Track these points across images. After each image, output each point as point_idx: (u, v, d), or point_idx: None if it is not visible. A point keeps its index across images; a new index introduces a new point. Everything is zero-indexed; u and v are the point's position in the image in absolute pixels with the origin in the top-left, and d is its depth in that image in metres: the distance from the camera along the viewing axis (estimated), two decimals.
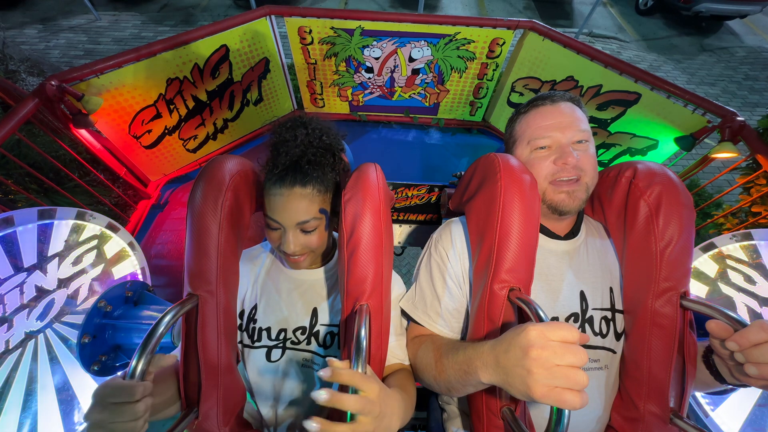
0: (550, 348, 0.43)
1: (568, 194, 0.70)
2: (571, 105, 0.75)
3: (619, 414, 0.71)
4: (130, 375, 0.50)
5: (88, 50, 4.38)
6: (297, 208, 0.69)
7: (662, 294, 0.64)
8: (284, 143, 0.71)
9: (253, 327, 0.80)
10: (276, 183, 0.70)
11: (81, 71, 1.62)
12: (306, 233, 0.72)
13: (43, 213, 1.07)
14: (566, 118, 0.72)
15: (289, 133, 0.72)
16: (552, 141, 0.72)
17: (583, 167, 0.70)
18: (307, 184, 0.70)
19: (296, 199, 0.69)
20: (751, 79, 4.84)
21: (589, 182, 0.72)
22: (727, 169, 1.77)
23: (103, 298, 0.99)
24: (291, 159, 0.70)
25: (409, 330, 0.81)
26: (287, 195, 0.69)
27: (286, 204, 0.69)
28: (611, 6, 6.35)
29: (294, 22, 2.09)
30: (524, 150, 0.76)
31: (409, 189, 1.44)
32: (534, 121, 0.75)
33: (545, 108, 0.75)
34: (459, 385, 0.60)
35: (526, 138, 0.76)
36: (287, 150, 0.70)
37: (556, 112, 0.74)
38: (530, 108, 0.78)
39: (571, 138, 0.71)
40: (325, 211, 0.74)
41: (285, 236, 0.71)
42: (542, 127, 0.73)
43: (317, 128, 0.75)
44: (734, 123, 1.61)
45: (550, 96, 0.76)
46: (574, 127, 0.71)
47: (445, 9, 5.79)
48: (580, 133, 0.71)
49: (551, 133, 0.72)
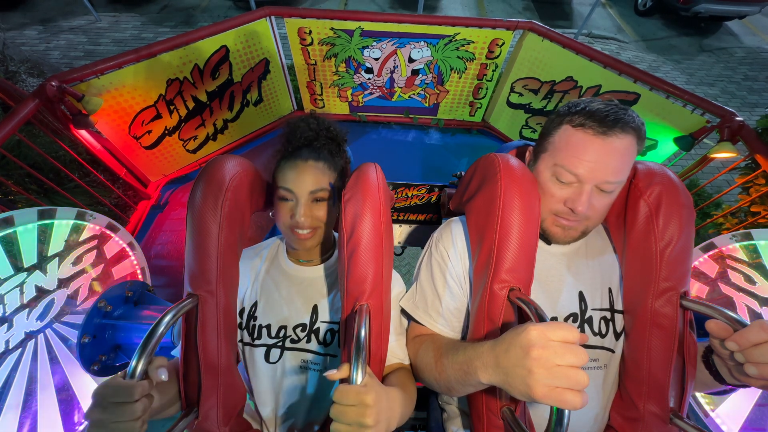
0: (551, 348, 0.43)
1: (563, 229, 0.69)
2: (628, 143, 0.62)
3: (619, 414, 0.71)
4: (130, 375, 0.50)
5: (88, 51, 4.39)
6: (311, 177, 0.75)
7: (662, 294, 0.64)
8: (298, 128, 0.82)
9: (254, 324, 0.80)
10: (291, 157, 0.78)
11: (81, 72, 1.62)
12: (317, 203, 0.76)
13: (43, 213, 1.07)
14: (609, 159, 0.61)
15: (302, 122, 0.83)
16: (577, 178, 0.64)
17: (590, 215, 0.66)
18: (319, 159, 0.78)
19: (310, 170, 0.76)
20: (749, 80, 4.85)
21: (590, 225, 0.69)
22: (726, 169, 1.77)
23: (103, 298, 0.99)
24: (305, 139, 0.80)
25: (409, 329, 0.81)
26: (302, 166, 0.76)
27: (300, 173, 0.75)
28: (610, 7, 6.36)
29: (294, 22, 2.09)
30: (547, 168, 0.68)
31: (409, 189, 1.44)
32: (574, 146, 0.64)
33: (593, 139, 0.62)
34: (459, 385, 0.60)
35: (555, 158, 0.67)
36: (301, 133, 0.81)
37: (604, 151, 0.61)
38: (579, 127, 0.64)
39: (599, 182, 0.63)
40: (333, 186, 0.79)
41: (297, 207, 0.74)
42: (577, 160, 0.63)
43: (325, 121, 0.86)
44: (733, 123, 1.61)
45: (608, 124, 0.61)
46: (611, 175, 0.62)
47: (445, 10, 5.80)
48: (612, 184, 0.63)
49: (582, 171, 0.62)
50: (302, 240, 0.77)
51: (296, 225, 0.75)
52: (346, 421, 0.47)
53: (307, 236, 0.76)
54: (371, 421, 0.47)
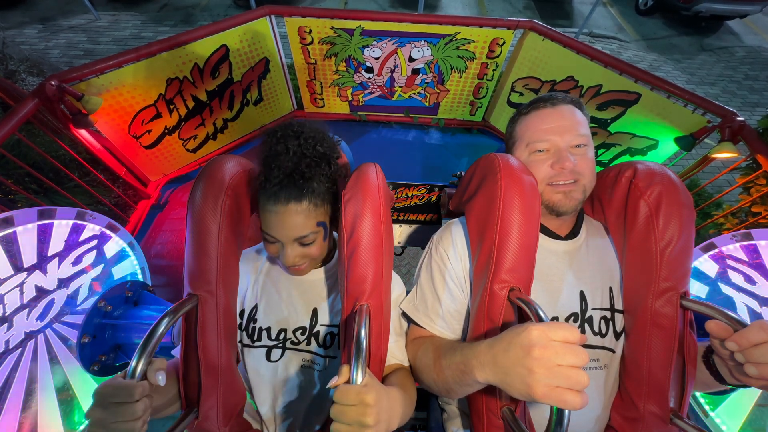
0: (552, 348, 0.43)
1: (565, 194, 0.71)
2: (571, 108, 0.75)
3: (619, 414, 0.71)
4: (130, 375, 0.50)
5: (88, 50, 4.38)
6: (293, 224, 0.67)
7: (662, 294, 0.64)
8: (276, 157, 0.67)
9: (253, 327, 0.80)
10: (270, 199, 0.67)
11: (81, 71, 1.62)
12: (304, 246, 0.72)
13: (43, 213, 1.07)
14: (566, 122, 0.72)
15: (281, 145, 0.68)
16: (550, 144, 0.72)
17: (580, 171, 0.70)
18: (302, 200, 0.67)
19: (292, 216, 0.67)
20: (750, 79, 4.84)
21: (586, 184, 0.72)
22: (727, 169, 1.77)
23: (103, 298, 0.99)
24: (284, 173, 0.66)
25: (409, 332, 0.81)
26: (282, 212, 0.66)
27: (281, 221, 0.67)
28: (611, 6, 6.35)
29: (294, 22, 2.09)
30: (523, 152, 0.77)
31: (409, 189, 1.44)
32: (533, 123, 0.75)
33: (545, 111, 0.75)
34: (457, 386, 0.60)
35: (525, 140, 0.76)
36: (279, 164, 0.66)
37: (555, 115, 0.73)
38: (530, 110, 0.78)
39: (569, 142, 0.71)
40: (323, 223, 0.72)
41: (283, 250, 0.70)
42: (541, 130, 0.73)
43: (310, 137, 0.70)
44: (734, 123, 1.61)
45: (551, 98, 0.76)
46: (573, 131, 0.72)
47: (445, 9, 5.78)
48: (578, 137, 0.71)
49: (549, 136, 0.72)
50: (296, 272, 0.76)
51: (285, 264, 0.72)
52: (346, 420, 0.47)
53: (299, 269, 0.75)
54: (372, 420, 0.47)
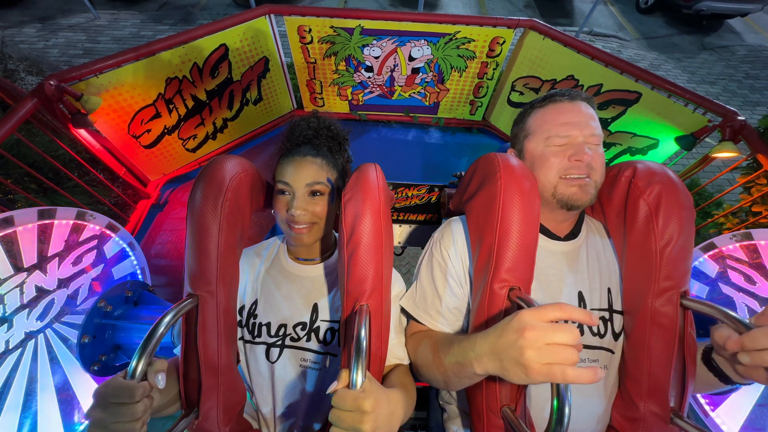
0: (542, 328, 0.44)
1: (580, 188, 0.71)
2: (587, 104, 0.76)
3: (620, 414, 0.72)
4: (130, 375, 0.50)
5: (87, 49, 4.38)
6: (307, 171, 0.76)
7: (662, 293, 0.64)
8: (297, 126, 0.83)
9: (254, 322, 0.80)
10: (289, 152, 0.79)
11: (80, 71, 1.62)
12: (313, 196, 0.76)
13: (43, 213, 1.07)
14: (584, 117, 0.73)
15: (303, 121, 0.84)
16: (569, 137, 0.72)
17: (594, 166, 0.71)
18: (318, 155, 0.79)
19: (307, 164, 0.76)
20: (751, 78, 4.83)
21: (598, 180, 0.72)
22: (727, 169, 1.77)
23: (103, 298, 0.99)
24: (304, 137, 0.81)
25: (408, 328, 0.82)
26: (299, 161, 0.77)
27: (297, 167, 0.76)
28: (612, 4, 6.34)
29: (293, 21, 2.08)
30: (539, 144, 0.76)
31: (409, 189, 1.44)
32: (552, 116, 0.75)
33: (564, 105, 0.75)
34: (455, 378, 0.60)
35: (543, 132, 0.75)
36: (301, 131, 0.82)
37: (575, 110, 0.74)
38: (548, 102, 0.77)
39: (587, 136, 0.72)
40: (331, 181, 0.79)
41: (293, 200, 0.74)
42: (560, 123, 0.73)
43: (326, 120, 0.87)
44: (735, 122, 1.61)
45: (569, 93, 0.76)
46: (591, 127, 0.72)
47: (445, 8, 5.78)
48: (594, 134, 0.72)
49: (570, 131, 0.72)
50: (298, 235, 0.76)
51: (292, 219, 0.74)
52: (343, 426, 0.47)
53: (302, 231, 0.76)
54: (368, 428, 0.46)
